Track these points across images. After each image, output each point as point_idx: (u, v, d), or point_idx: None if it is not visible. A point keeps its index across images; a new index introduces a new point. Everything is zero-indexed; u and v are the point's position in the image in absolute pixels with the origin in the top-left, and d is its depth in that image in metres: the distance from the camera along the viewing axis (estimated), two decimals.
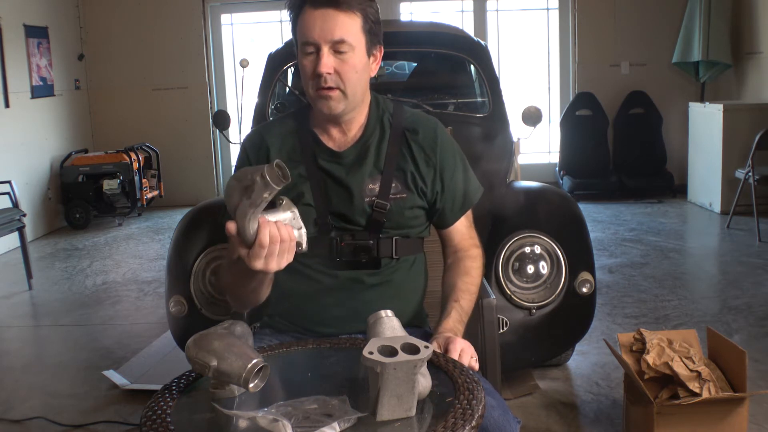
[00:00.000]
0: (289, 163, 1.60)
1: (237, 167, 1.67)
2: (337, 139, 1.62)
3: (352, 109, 1.57)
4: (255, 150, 1.64)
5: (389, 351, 1.12)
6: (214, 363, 1.20)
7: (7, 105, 5.83)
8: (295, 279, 1.62)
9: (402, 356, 1.11)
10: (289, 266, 1.62)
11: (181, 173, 7.21)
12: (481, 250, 1.70)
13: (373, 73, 1.60)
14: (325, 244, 1.59)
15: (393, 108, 1.66)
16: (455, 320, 1.56)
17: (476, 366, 1.44)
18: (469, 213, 1.70)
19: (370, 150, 1.60)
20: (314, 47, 1.50)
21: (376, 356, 1.10)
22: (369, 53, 1.56)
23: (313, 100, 1.55)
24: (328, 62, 1.49)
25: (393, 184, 1.59)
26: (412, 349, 1.13)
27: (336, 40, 1.48)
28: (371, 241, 1.59)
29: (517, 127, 3.53)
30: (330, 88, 1.50)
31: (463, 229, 1.69)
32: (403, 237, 1.63)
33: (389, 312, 1.29)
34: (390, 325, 1.26)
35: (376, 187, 1.58)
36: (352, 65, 1.51)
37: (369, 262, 1.60)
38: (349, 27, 1.50)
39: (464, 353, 1.43)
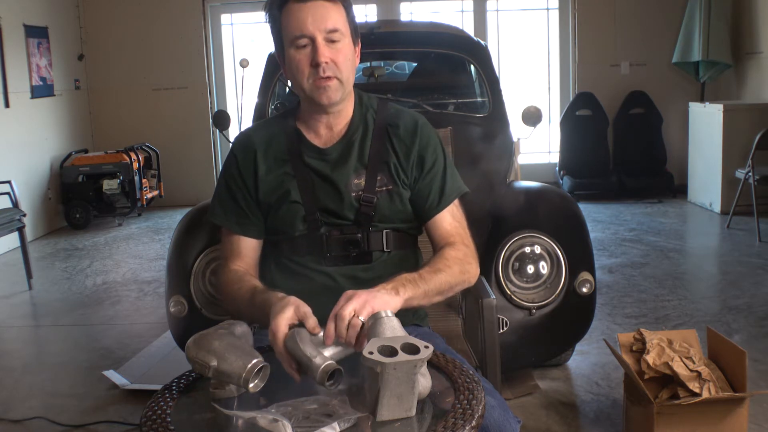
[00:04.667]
0: (276, 162, 1.62)
1: (225, 168, 1.68)
2: (323, 136, 1.64)
3: (344, 98, 1.60)
4: (243, 153, 1.65)
5: (389, 351, 1.12)
6: (214, 363, 1.20)
7: (7, 105, 5.83)
8: (290, 279, 1.62)
9: (402, 356, 1.11)
10: (283, 266, 1.64)
11: (181, 173, 7.21)
12: (471, 249, 1.62)
13: (357, 64, 1.62)
14: (315, 241, 1.60)
15: (377, 105, 1.69)
16: (401, 279, 1.42)
17: (358, 323, 1.27)
18: (457, 213, 1.66)
19: (354, 146, 1.62)
20: (308, 39, 1.52)
21: (376, 356, 1.10)
22: (354, 43, 1.59)
23: (309, 92, 1.56)
24: (325, 51, 1.52)
25: (378, 177, 1.60)
26: (412, 349, 1.13)
27: (330, 29, 1.52)
28: (359, 234, 1.60)
29: (517, 127, 3.53)
30: (328, 78, 1.53)
31: (447, 227, 1.64)
32: (394, 230, 1.63)
33: (389, 312, 1.29)
34: (390, 325, 1.26)
35: (362, 181, 1.60)
36: (345, 53, 1.55)
37: (360, 256, 1.61)
38: (338, 16, 1.54)
39: (350, 303, 1.28)
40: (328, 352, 1.27)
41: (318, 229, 1.60)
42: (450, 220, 1.65)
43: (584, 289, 2.73)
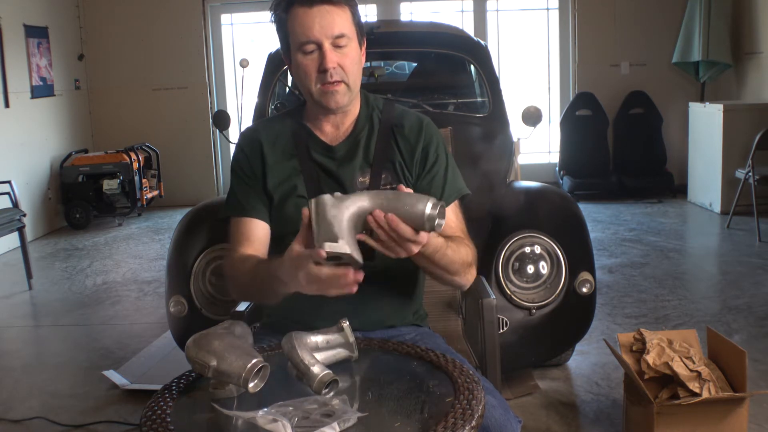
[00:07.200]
0: (283, 156, 1.63)
1: (233, 162, 1.68)
2: (329, 134, 1.64)
3: (352, 100, 1.60)
4: (249, 146, 1.66)
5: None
6: (214, 363, 1.20)
7: (7, 105, 5.83)
8: None
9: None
10: None
11: (181, 173, 7.21)
12: (474, 251, 1.62)
13: (362, 64, 1.62)
14: None
15: (383, 105, 1.69)
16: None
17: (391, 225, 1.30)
18: (459, 213, 1.66)
19: (360, 145, 1.63)
20: (315, 45, 1.52)
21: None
22: (360, 44, 1.60)
23: (317, 97, 1.56)
24: (332, 57, 1.52)
25: (383, 175, 1.61)
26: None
27: (336, 34, 1.52)
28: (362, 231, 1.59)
29: (517, 127, 3.53)
30: (336, 82, 1.53)
31: (451, 224, 1.62)
32: None
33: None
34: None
35: (366, 179, 1.60)
36: (352, 57, 1.55)
37: (363, 253, 1.60)
38: (344, 20, 1.53)
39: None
40: (323, 355, 1.28)
41: None
42: (453, 218, 1.64)
43: (584, 289, 2.73)
